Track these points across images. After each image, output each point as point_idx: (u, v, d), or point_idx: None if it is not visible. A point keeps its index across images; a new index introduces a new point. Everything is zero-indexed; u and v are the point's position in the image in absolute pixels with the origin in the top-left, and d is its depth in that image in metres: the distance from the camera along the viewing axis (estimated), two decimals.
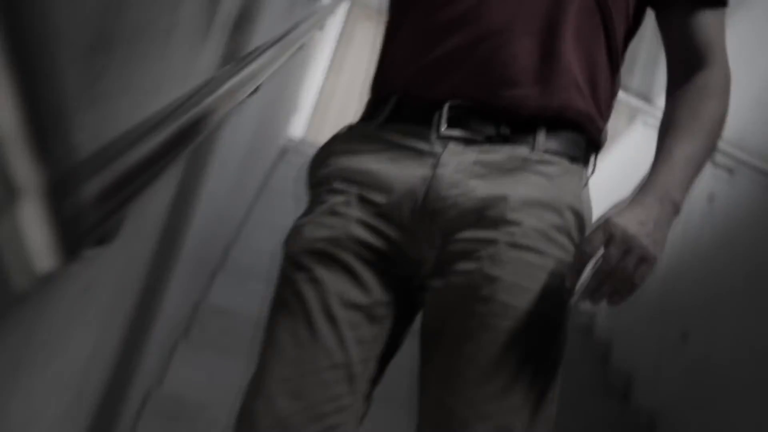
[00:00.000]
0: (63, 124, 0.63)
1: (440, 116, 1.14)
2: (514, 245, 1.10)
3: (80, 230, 0.78)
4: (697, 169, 1.15)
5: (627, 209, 1.09)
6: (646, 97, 4.66)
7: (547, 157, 1.14)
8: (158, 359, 2.19)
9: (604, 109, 1.21)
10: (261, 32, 1.92)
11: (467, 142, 1.13)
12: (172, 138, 1.07)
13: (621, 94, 4.71)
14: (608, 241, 1.06)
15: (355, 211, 1.14)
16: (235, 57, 1.61)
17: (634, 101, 4.44)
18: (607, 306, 1.09)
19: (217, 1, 1.39)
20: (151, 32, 1.09)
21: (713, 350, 2.95)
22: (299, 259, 1.14)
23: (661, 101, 4.40)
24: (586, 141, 1.18)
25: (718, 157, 3.22)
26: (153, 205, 1.59)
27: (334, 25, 5.27)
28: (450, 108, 1.13)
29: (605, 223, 1.07)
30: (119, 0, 0.94)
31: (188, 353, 2.41)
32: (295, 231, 1.17)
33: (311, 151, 1.28)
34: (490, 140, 1.14)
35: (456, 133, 1.13)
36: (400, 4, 1.24)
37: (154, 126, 1.03)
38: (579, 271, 1.08)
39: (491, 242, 1.10)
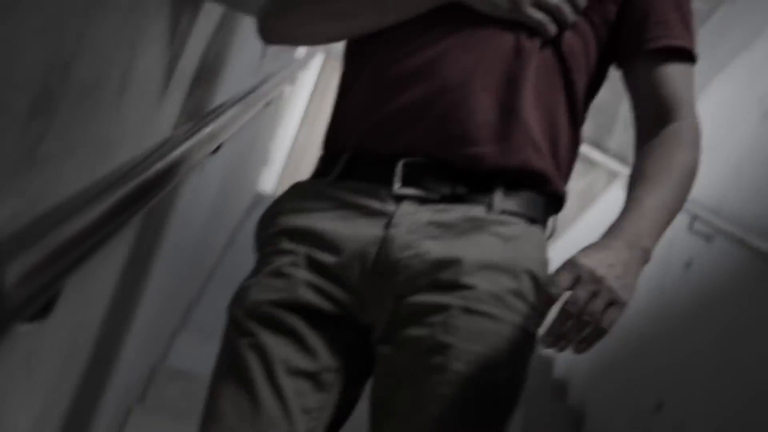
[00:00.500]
0: None
1: (394, 174, 1.09)
2: (468, 310, 1.05)
3: (6, 308, 0.73)
4: (668, 218, 1.12)
5: (594, 251, 1.04)
6: (625, 159, 4.65)
7: (504, 217, 1.10)
8: (110, 426, 2.08)
9: (564, 168, 1.17)
10: (226, 88, 1.86)
11: (422, 200, 1.09)
12: (120, 203, 1.00)
13: (599, 156, 4.72)
14: (575, 282, 1.00)
15: (303, 273, 1.09)
16: (197, 114, 1.54)
17: (613, 164, 4.43)
18: (574, 353, 1.03)
19: (177, 56, 1.32)
20: (100, 91, 1.02)
21: (688, 419, 2.88)
22: (244, 323, 1.09)
23: None
24: (545, 201, 1.15)
25: (696, 224, 3.20)
26: (104, 267, 1.51)
27: (307, 77, 5.25)
28: (405, 165, 1.09)
29: (572, 263, 1.02)
30: (65, 60, 0.87)
31: (143, 419, 2.30)
32: (241, 293, 1.11)
33: None
34: (445, 199, 1.10)
35: (410, 191, 1.09)
36: (355, 56, 1.19)
37: (99, 192, 0.96)
38: (544, 314, 1.03)
39: (444, 307, 1.05)
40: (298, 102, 5.52)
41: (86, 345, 1.54)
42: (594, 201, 5.10)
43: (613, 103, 6.10)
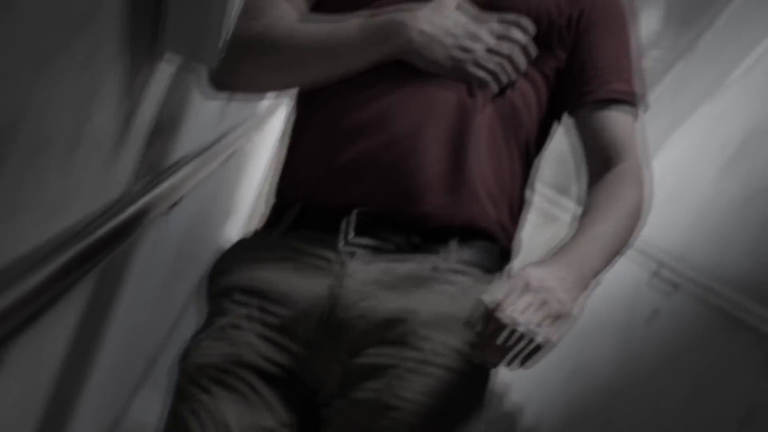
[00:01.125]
0: None
1: (348, 224, 1.09)
2: (424, 362, 1.04)
3: None
4: (616, 247, 1.13)
5: (544, 265, 1.03)
6: None
7: (458, 267, 1.10)
8: None
9: (516, 217, 1.18)
10: (188, 139, 1.84)
11: (376, 250, 1.08)
12: (71, 261, 0.97)
13: (569, 203, 4.73)
14: (524, 290, 0.98)
15: (256, 326, 1.07)
16: (157, 168, 1.51)
17: (579, 210, 4.45)
18: (521, 368, 1.00)
19: (135, 109, 1.29)
20: (52, 148, 0.99)
21: None
22: (195, 377, 1.06)
23: None
24: (499, 250, 1.15)
25: (662, 272, 3.21)
26: (59, 325, 1.46)
27: (274, 124, 5.25)
28: (358, 215, 1.09)
29: (521, 273, 1.00)
30: (12, 118, 0.84)
31: None
32: (192, 346, 1.09)
33: None
34: (399, 249, 1.09)
35: (364, 241, 1.08)
36: (306, 105, 1.19)
37: (48, 252, 0.93)
38: (486, 337, 0.97)
39: (399, 360, 1.04)
40: (264, 150, 5.50)
41: (38, 406, 1.48)
42: None
43: (577, 151, 6.15)
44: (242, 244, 1.17)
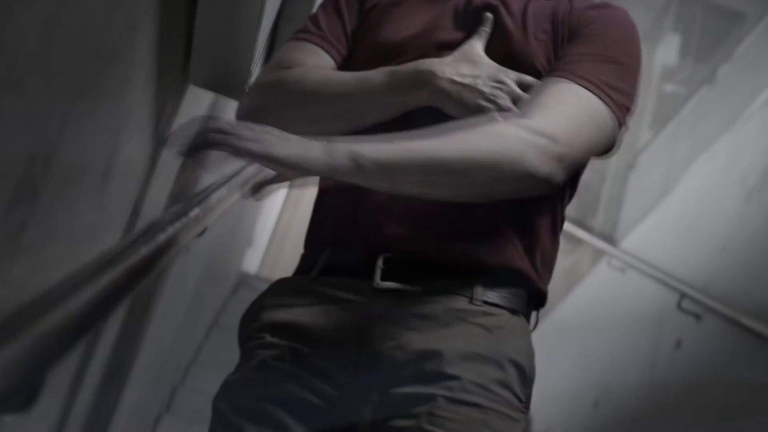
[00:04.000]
0: None
1: (374, 268, 1.09)
2: (454, 401, 1.03)
3: None
4: (405, 168, 1.01)
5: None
6: (610, 239, 4.66)
7: (486, 308, 1.10)
8: None
9: (547, 260, 1.17)
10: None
11: (403, 293, 1.09)
12: (105, 289, 0.98)
13: (584, 235, 4.73)
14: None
15: (287, 366, 1.08)
16: (182, 197, 1.53)
17: (598, 242, 4.44)
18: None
19: (161, 141, 1.32)
20: (84, 178, 1.01)
21: None
22: (229, 418, 1.07)
23: (625, 243, 4.42)
24: (527, 294, 1.15)
25: (685, 303, 3.18)
26: (89, 353, 1.47)
27: None
28: (384, 260, 1.10)
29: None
30: (47, 150, 0.86)
31: None
32: (225, 387, 1.10)
33: (265, 287, 1.23)
34: (426, 292, 1.09)
35: (391, 284, 1.09)
36: None
37: (84, 278, 0.94)
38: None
39: (429, 398, 1.03)
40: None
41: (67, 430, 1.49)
42: (580, 280, 5.09)
43: (596, 183, 6.16)
44: (273, 291, 1.18)
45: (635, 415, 3.33)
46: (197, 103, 1.43)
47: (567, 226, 1.14)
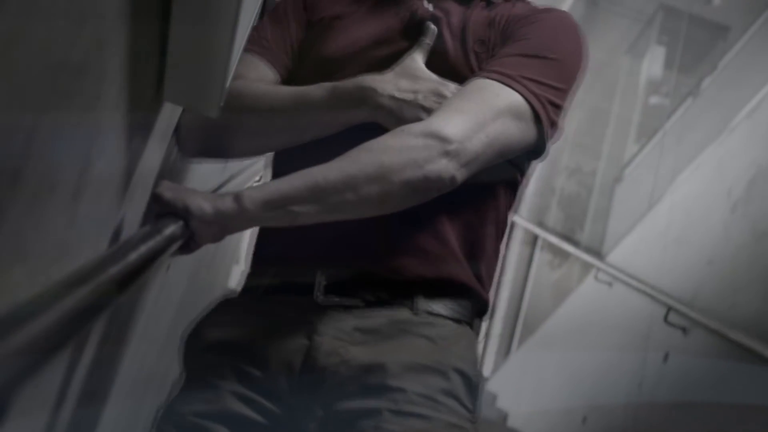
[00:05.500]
0: None
1: (316, 284, 1.11)
2: (399, 413, 1.04)
3: None
4: (312, 185, 1.03)
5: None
6: (597, 253, 4.66)
7: (430, 319, 1.11)
8: None
9: (486, 276, 1.18)
10: (191, 186, 1.84)
11: (345, 308, 1.10)
12: (72, 313, 0.96)
13: (572, 249, 4.73)
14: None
15: (230, 384, 1.09)
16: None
17: (585, 256, 4.43)
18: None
19: (138, 155, 1.30)
20: (54, 195, 0.99)
21: None
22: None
23: (612, 256, 4.43)
24: (471, 305, 1.16)
25: (672, 317, 3.18)
26: (59, 372, 1.45)
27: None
28: (326, 275, 1.11)
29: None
30: (13, 166, 0.84)
31: None
32: (168, 409, 1.12)
33: None
34: (369, 305, 1.10)
35: (333, 300, 1.10)
36: (277, 172, 1.22)
37: (51, 298, 0.92)
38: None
39: (375, 412, 1.04)
40: None
41: None
42: (567, 294, 5.08)
43: (583, 196, 6.17)
44: (217, 311, 1.20)
45: (624, 430, 3.32)
46: (172, 119, 1.41)
47: (554, 239, 1.13)
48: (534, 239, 5.59)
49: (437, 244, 1.12)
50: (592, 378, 3.84)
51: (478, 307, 1.17)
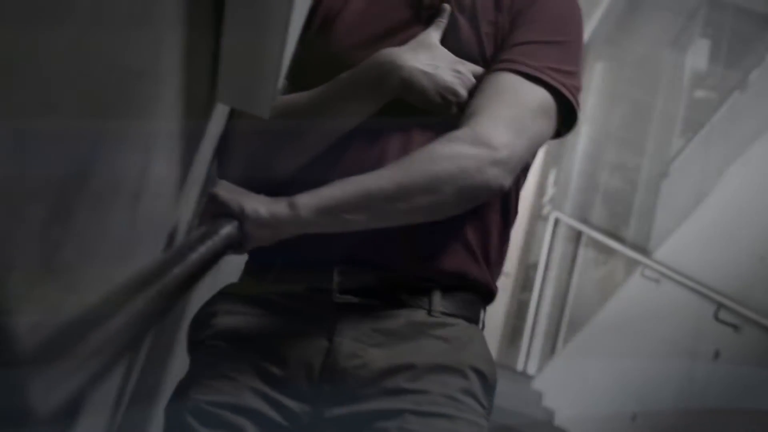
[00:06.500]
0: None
1: (332, 281, 1.10)
2: (422, 413, 1.05)
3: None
4: (370, 192, 1.05)
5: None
6: (644, 249, 4.61)
7: (444, 319, 1.11)
8: None
9: (495, 265, 1.18)
10: None
11: (363, 308, 1.10)
12: (142, 314, 0.98)
13: (618, 246, 4.69)
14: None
15: (249, 379, 1.08)
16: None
17: (631, 253, 4.39)
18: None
19: (191, 157, 1.32)
20: (116, 197, 1.01)
21: None
22: (185, 419, 1.07)
23: (659, 253, 4.38)
24: (479, 299, 1.17)
25: (723, 314, 3.14)
26: (119, 372, 1.47)
27: None
28: (342, 273, 1.10)
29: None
30: (81, 168, 0.86)
31: None
32: (180, 393, 1.10)
33: None
34: (386, 305, 1.10)
35: (349, 299, 1.10)
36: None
37: (121, 301, 0.94)
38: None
39: (397, 412, 1.05)
40: None
41: None
42: (613, 291, 5.04)
43: (627, 192, 6.10)
44: (225, 295, 1.18)
45: (675, 429, 3.28)
46: (224, 120, 1.43)
47: (599, 236, 1.12)
48: (578, 236, 5.55)
49: (450, 237, 1.12)
50: (640, 376, 3.81)
51: (486, 299, 1.18)
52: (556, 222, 5.76)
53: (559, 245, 5.77)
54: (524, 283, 6.99)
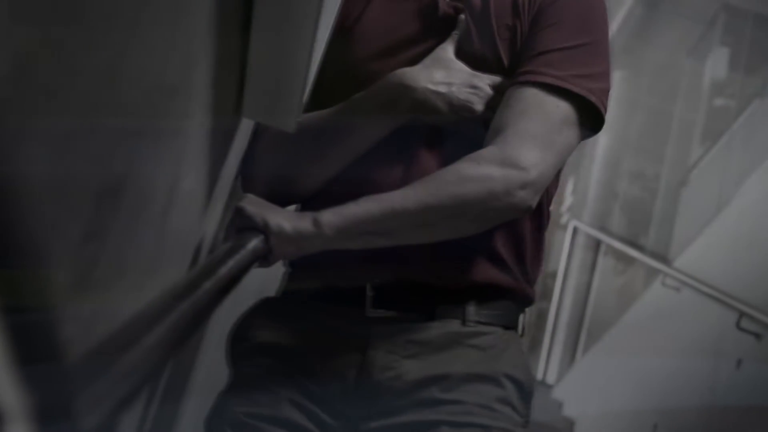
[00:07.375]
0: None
1: (366, 296, 1.10)
2: (458, 424, 1.05)
3: None
4: (398, 211, 1.04)
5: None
6: (663, 258, 4.59)
7: (479, 328, 1.11)
8: None
9: (531, 270, 1.18)
10: None
11: (396, 320, 1.10)
12: (176, 328, 0.99)
13: (637, 254, 4.67)
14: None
15: (289, 392, 1.09)
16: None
17: (652, 261, 4.37)
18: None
19: (217, 170, 1.34)
20: (147, 212, 1.03)
21: None
22: (224, 431, 1.09)
23: (679, 261, 4.36)
24: (517, 306, 1.16)
25: (745, 323, 3.12)
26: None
27: None
28: (374, 287, 1.10)
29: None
30: (116, 184, 0.88)
31: None
32: (220, 406, 1.12)
33: None
34: (419, 318, 1.10)
35: (382, 313, 1.10)
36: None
37: (157, 315, 0.95)
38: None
39: (433, 424, 1.05)
40: None
41: None
42: (633, 300, 5.02)
43: (647, 200, 6.08)
44: (262, 310, 1.19)
45: None
46: (247, 130, 1.45)
47: (618, 245, 1.12)
48: (597, 244, 5.54)
49: (483, 247, 1.12)
50: (662, 385, 3.79)
51: (523, 305, 1.18)
52: (575, 231, 5.75)
53: (578, 254, 5.76)
54: (543, 292, 6.98)
